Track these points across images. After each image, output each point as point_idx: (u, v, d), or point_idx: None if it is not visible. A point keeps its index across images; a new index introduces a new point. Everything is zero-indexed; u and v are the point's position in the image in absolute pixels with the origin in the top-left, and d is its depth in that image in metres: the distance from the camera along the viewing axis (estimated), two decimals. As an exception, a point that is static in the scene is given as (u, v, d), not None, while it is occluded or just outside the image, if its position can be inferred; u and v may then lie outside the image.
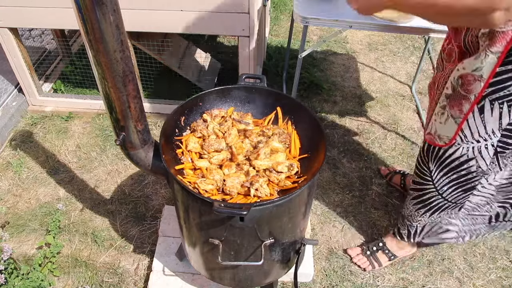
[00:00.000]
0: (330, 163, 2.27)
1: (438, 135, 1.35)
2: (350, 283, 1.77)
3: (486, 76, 1.14)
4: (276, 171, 1.27)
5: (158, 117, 2.53)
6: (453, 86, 1.24)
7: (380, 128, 2.51)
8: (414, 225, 1.66)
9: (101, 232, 1.94)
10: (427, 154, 1.43)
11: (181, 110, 1.39)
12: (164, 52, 2.44)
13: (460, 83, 1.21)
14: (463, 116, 1.24)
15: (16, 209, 2.04)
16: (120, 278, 1.77)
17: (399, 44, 3.24)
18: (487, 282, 1.79)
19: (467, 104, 1.22)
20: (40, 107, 2.59)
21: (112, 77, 1.05)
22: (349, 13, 1.87)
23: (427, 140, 1.42)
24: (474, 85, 1.18)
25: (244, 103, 1.49)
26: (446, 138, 1.33)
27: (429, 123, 1.41)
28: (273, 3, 3.67)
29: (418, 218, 1.62)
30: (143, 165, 1.31)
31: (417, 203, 1.58)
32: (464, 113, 1.24)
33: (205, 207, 1.17)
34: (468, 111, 1.22)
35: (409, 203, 1.63)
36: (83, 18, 0.93)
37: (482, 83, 1.16)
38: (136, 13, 2.02)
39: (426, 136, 1.42)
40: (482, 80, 1.16)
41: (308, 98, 2.69)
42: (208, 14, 1.99)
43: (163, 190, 2.12)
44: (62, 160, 2.28)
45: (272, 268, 1.44)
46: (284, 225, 1.27)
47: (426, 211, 1.58)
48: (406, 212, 1.66)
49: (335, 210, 2.05)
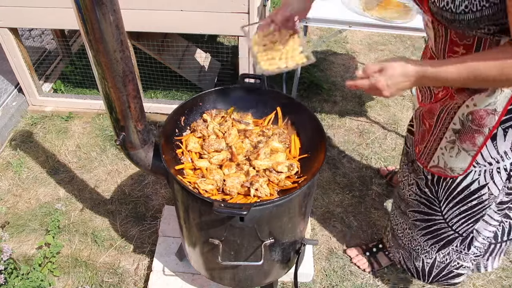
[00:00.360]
0: (330, 163, 2.27)
1: (449, 168, 1.28)
2: (350, 283, 1.77)
3: (500, 109, 1.10)
4: (276, 171, 1.27)
5: (158, 117, 2.53)
6: (462, 122, 1.18)
7: (380, 128, 2.51)
8: (420, 257, 1.57)
9: (101, 232, 1.94)
10: (437, 184, 1.35)
11: (181, 110, 1.39)
12: (164, 52, 2.44)
13: (471, 119, 1.16)
14: (477, 148, 1.19)
15: (16, 209, 2.04)
16: (120, 278, 1.77)
17: (399, 44, 3.24)
18: (487, 282, 1.79)
19: (480, 137, 1.17)
20: (40, 107, 2.59)
21: (112, 77, 1.05)
22: (349, 13, 1.88)
23: (434, 173, 1.34)
24: (488, 119, 1.13)
25: (244, 103, 1.49)
26: (459, 169, 1.27)
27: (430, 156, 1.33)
28: (273, 3, 3.67)
29: (426, 248, 1.53)
30: (143, 165, 1.31)
31: (426, 234, 1.49)
32: (478, 146, 1.19)
33: (205, 207, 1.17)
34: (483, 143, 1.18)
35: (416, 235, 1.53)
36: (83, 18, 0.93)
37: (497, 116, 1.12)
38: (136, 13, 2.02)
39: (433, 169, 1.33)
40: (496, 113, 1.12)
41: (308, 98, 2.69)
42: (208, 14, 1.98)
43: (163, 190, 2.12)
44: (62, 160, 2.28)
45: (272, 268, 1.44)
46: (284, 225, 1.27)
47: (434, 243, 1.49)
48: (413, 244, 1.56)
49: (335, 210, 2.05)
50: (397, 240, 1.64)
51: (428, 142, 1.33)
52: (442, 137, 1.26)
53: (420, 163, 1.38)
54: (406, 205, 1.52)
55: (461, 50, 1.06)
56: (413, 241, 1.56)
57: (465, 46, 1.05)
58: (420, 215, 1.48)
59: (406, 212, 1.53)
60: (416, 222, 1.51)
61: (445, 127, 1.24)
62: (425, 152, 1.35)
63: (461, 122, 1.19)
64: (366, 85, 1.05)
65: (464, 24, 0.94)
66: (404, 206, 1.53)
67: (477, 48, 1.02)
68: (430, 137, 1.32)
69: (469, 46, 1.03)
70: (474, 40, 1.01)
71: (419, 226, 1.50)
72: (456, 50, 1.07)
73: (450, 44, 1.09)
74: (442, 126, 1.25)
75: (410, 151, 1.49)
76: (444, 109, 1.23)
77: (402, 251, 1.64)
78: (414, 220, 1.51)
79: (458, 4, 0.91)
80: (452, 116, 1.21)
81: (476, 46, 1.02)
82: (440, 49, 1.13)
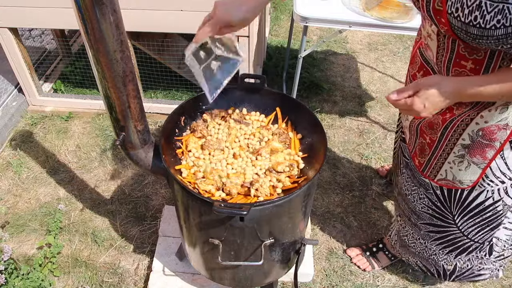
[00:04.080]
0: (330, 163, 2.27)
1: (458, 181, 1.27)
2: (350, 283, 1.77)
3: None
4: (276, 171, 1.27)
5: (158, 117, 2.52)
6: (472, 137, 1.16)
7: (380, 128, 2.51)
8: (440, 263, 1.55)
9: (101, 232, 1.94)
10: (449, 199, 1.34)
11: (181, 110, 1.39)
12: (164, 52, 2.44)
13: (481, 134, 1.14)
14: (487, 161, 1.18)
15: (16, 209, 2.04)
16: (120, 278, 1.77)
17: (399, 44, 3.24)
18: (487, 282, 1.79)
19: (491, 151, 1.16)
20: (40, 107, 2.59)
21: (112, 77, 1.05)
22: (349, 13, 1.88)
23: (443, 186, 1.32)
24: (499, 134, 1.12)
25: (244, 103, 1.49)
26: (469, 181, 1.25)
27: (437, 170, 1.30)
28: (273, 3, 3.67)
29: (443, 256, 1.51)
30: (143, 165, 1.31)
31: (440, 244, 1.48)
32: (488, 159, 1.17)
33: (205, 207, 1.17)
34: (493, 156, 1.17)
35: (430, 244, 1.51)
36: (83, 18, 0.93)
37: (508, 130, 1.10)
38: (136, 13, 2.02)
39: (441, 182, 1.31)
40: (508, 128, 1.10)
41: (308, 98, 2.69)
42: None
43: (163, 190, 2.12)
44: (62, 160, 2.28)
45: (272, 268, 1.44)
46: (284, 225, 1.27)
47: (451, 251, 1.48)
48: (428, 252, 1.54)
49: (335, 210, 2.05)
50: (409, 249, 1.61)
51: (432, 156, 1.30)
52: (449, 152, 1.24)
53: (425, 176, 1.35)
54: (418, 218, 1.48)
55: (470, 64, 1.03)
56: (427, 250, 1.54)
57: (474, 61, 1.01)
58: (433, 227, 1.46)
59: (417, 224, 1.50)
60: (430, 233, 1.48)
61: (452, 143, 1.22)
62: (429, 165, 1.32)
63: (470, 138, 1.16)
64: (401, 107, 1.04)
65: (492, 40, 0.88)
66: (415, 218, 1.50)
67: (488, 62, 0.99)
68: (434, 151, 1.29)
69: (480, 60, 1.00)
70: (486, 55, 0.98)
71: (433, 237, 1.48)
72: (463, 64, 1.04)
73: (457, 57, 1.05)
74: (449, 142, 1.22)
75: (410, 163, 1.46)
76: (449, 126, 1.19)
77: (418, 258, 1.62)
78: (427, 231, 1.49)
79: (489, 19, 0.84)
80: (460, 133, 1.18)
81: (487, 60, 0.99)
82: (444, 61, 1.09)
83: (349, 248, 1.88)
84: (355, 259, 1.83)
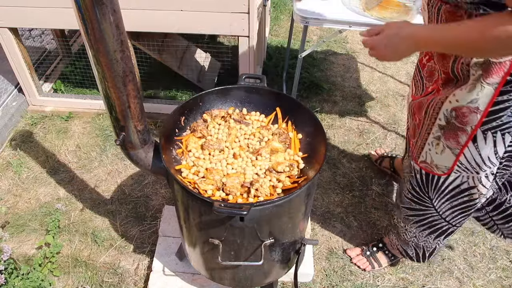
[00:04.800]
0: (330, 163, 2.27)
1: (435, 165, 1.30)
2: (350, 283, 1.77)
3: (482, 108, 1.10)
4: (276, 171, 1.27)
5: (158, 117, 2.53)
6: (447, 118, 1.19)
7: (380, 128, 2.51)
8: (420, 245, 1.59)
9: (101, 232, 1.94)
10: (426, 183, 1.38)
11: (181, 110, 1.39)
12: (164, 52, 2.44)
13: (455, 115, 1.16)
14: (460, 147, 1.20)
15: (16, 209, 2.04)
16: (120, 278, 1.77)
17: (399, 44, 3.24)
18: (487, 282, 1.79)
19: (464, 136, 1.18)
20: (40, 107, 2.59)
21: (112, 77, 1.05)
22: (349, 13, 1.88)
23: (423, 168, 1.36)
24: (470, 117, 1.13)
25: (244, 103, 1.49)
26: (444, 168, 1.28)
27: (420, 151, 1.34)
28: (273, 3, 3.67)
29: (423, 238, 1.56)
30: (143, 165, 1.31)
31: (420, 226, 1.52)
32: (461, 144, 1.20)
33: (205, 207, 1.17)
34: (466, 142, 1.18)
35: (411, 227, 1.56)
36: (83, 18, 0.93)
37: (479, 115, 1.11)
38: (136, 13, 2.02)
39: (421, 165, 1.35)
40: (479, 112, 1.11)
41: (308, 98, 2.69)
42: (208, 14, 1.98)
43: (163, 190, 2.12)
44: (62, 160, 2.28)
45: (272, 268, 1.44)
46: (284, 225, 1.27)
47: (431, 233, 1.52)
48: (409, 235, 1.59)
49: (335, 210, 2.05)
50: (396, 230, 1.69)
51: (418, 137, 1.35)
52: (429, 132, 1.29)
53: (412, 157, 1.40)
54: (401, 201, 1.56)
55: None
56: (407, 233, 1.60)
57: None
58: (412, 212, 1.52)
59: (399, 207, 1.58)
60: (409, 217, 1.54)
61: (432, 123, 1.26)
62: (416, 146, 1.38)
63: (446, 118, 1.20)
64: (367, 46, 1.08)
65: None
66: (399, 201, 1.57)
67: None
68: (420, 131, 1.34)
69: None
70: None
71: (413, 220, 1.54)
72: None
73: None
74: (430, 121, 1.27)
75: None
76: (431, 104, 1.24)
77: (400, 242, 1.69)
78: (407, 215, 1.55)
79: None
80: (437, 111, 1.22)
81: None
82: None
83: (348, 248, 1.88)
84: (355, 259, 1.83)
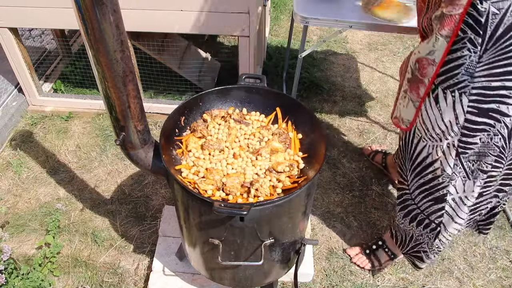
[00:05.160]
0: (330, 163, 2.27)
1: (401, 118, 1.38)
2: (350, 283, 1.77)
3: (438, 61, 1.17)
4: (276, 171, 1.27)
5: (158, 117, 2.53)
6: (412, 70, 1.27)
7: (380, 128, 2.51)
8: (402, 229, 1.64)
9: (101, 232, 1.94)
10: (404, 149, 1.45)
11: (181, 110, 1.39)
12: (164, 52, 2.44)
13: (418, 67, 1.24)
14: (420, 99, 1.27)
15: (16, 209, 2.04)
16: (120, 278, 1.77)
17: (399, 44, 3.24)
18: (487, 282, 1.79)
19: (422, 88, 1.25)
20: (40, 107, 2.59)
21: (112, 77, 1.05)
22: (349, 13, 1.88)
23: (394, 123, 1.45)
24: (428, 69, 1.20)
25: (244, 103, 1.49)
26: (407, 121, 1.36)
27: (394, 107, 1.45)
28: (273, 3, 3.67)
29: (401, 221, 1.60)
30: (143, 165, 1.31)
31: (399, 204, 1.58)
32: (420, 96, 1.26)
33: (205, 207, 1.17)
34: (424, 94, 1.25)
35: (396, 210, 1.62)
36: (83, 18, 0.93)
37: (435, 67, 1.18)
38: (136, 13, 2.02)
39: (393, 120, 1.45)
40: (435, 64, 1.18)
41: (308, 98, 2.69)
42: (208, 14, 1.99)
43: (163, 190, 2.12)
44: (62, 160, 2.28)
45: (272, 268, 1.44)
46: (284, 225, 1.27)
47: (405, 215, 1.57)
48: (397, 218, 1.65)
49: (335, 210, 2.05)
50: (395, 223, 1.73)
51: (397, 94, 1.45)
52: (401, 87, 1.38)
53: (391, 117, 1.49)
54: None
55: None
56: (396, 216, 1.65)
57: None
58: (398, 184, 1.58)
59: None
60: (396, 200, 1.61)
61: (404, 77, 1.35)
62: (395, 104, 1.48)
63: (411, 70, 1.28)
64: None
65: None
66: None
67: None
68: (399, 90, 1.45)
69: None
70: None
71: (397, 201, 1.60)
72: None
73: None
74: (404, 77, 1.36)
75: None
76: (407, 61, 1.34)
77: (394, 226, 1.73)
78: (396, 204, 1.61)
79: None
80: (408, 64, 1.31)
81: None
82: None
83: (348, 247, 1.88)
84: (355, 258, 1.83)
